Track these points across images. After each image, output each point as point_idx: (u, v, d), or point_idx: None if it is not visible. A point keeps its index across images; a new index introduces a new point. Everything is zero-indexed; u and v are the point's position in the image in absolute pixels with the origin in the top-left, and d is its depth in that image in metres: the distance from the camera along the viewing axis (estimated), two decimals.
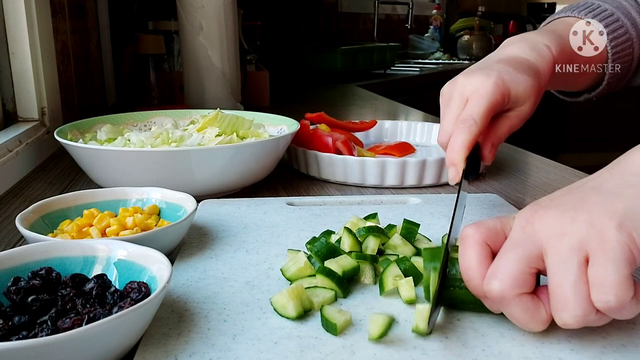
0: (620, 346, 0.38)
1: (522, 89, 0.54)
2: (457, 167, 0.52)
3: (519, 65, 0.55)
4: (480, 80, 0.53)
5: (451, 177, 0.52)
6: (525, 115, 0.56)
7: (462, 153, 0.51)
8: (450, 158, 0.52)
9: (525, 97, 0.54)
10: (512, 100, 0.54)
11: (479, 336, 0.39)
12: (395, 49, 2.61)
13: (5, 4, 0.90)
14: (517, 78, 0.54)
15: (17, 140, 0.85)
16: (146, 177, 0.65)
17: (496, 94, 0.52)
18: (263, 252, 0.53)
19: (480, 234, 0.39)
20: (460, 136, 0.52)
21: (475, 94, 0.53)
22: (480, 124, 0.52)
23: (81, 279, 0.41)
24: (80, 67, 1.25)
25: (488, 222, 0.40)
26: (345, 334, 0.39)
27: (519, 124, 0.56)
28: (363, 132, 1.01)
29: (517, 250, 0.37)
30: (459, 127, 0.52)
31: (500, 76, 0.53)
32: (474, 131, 0.51)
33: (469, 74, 0.55)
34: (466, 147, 0.51)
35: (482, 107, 0.52)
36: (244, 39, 1.45)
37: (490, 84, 0.53)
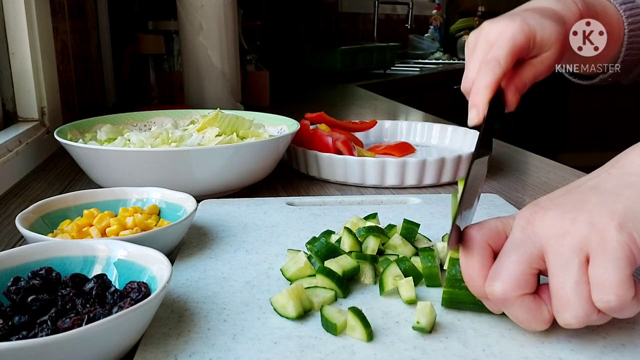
0: (620, 346, 0.38)
1: (547, 33, 0.53)
2: (478, 108, 0.50)
3: (545, 12, 0.55)
4: (505, 24, 0.53)
5: (471, 117, 0.50)
6: (550, 62, 0.55)
7: (485, 94, 0.50)
8: (473, 100, 0.51)
9: (550, 43, 0.53)
10: (538, 45, 0.53)
11: (479, 336, 0.39)
12: (395, 49, 2.61)
13: (5, 4, 0.90)
14: (543, 23, 0.53)
15: (17, 140, 0.85)
16: (146, 177, 0.65)
17: (521, 36, 0.52)
18: (263, 252, 0.53)
19: (482, 235, 0.39)
20: (484, 77, 0.50)
21: (500, 37, 0.52)
22: (504, 64, 0.51)
23: (81, 279, 0.41)
24: (80, 67, 1.25)
25: (489, 222, 0.40)
26: (345, 334, 0.39)
27: (544, 71, 0.55)
28: (363, 132, 1.01)
29: (518, 251, 0.37)
30: (482, 69, 0.51)
31: (525, 20, 0.53)
32: (498, 72, 0.50)
33: (495, 21, 0.55)
34: (490, 88, 0.50)
35: (506, 49, 0.51)
36: (244, 39, 1.45)
37: (515, 26, 0.52)
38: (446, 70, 2.76)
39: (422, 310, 0.40)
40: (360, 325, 0.39)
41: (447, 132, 1.00)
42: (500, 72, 0.50)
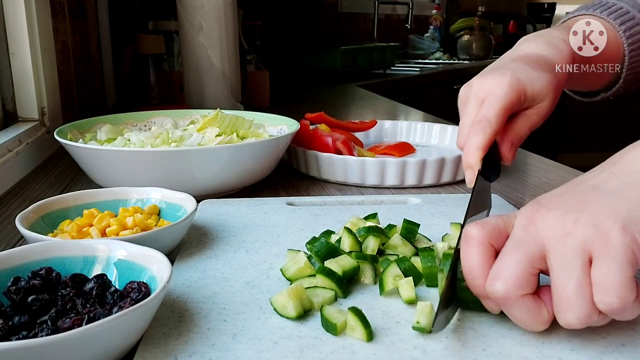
0: (620, 346, 0.38)
1: (538, 86, 0.53)
2: (473, 169, 0.51)
3: (534, 62, 0.55)
4: (494, 81, 0.53)
5: (468, 179, 0.52)
6: (545, 112, 0.55)
7: (477, 155, 0.51)
8: (466, 160, 0.52)
9: (543, 94, 0.54)
10: (529, 99, 0.54)
11: (479, 336, 0.39)
12: (395, 49, 2.61)
13: (5, 4, 0.90)
14: (533, 75, 0.53)
15: (17, 140, 0.85)
16: (146, 177, 0.65)
17: (511, 93, 0.52)
18: (263, 252, 0.53)
19: (483, 234, 0.39)
20: (475, 138, 0.51)
21: (490, 95, 0.53)
22: (495, 124, 0.51)
23: (81, 279, 0.41)
24: (80, 67, 1.25)
25: (491, 220, 0.40)
26: (345, 334, 0.39)
27: (539, 121, 0.56)
28: (363, 132, 1.01)
29: (520, 250, 0.37)
30: (474, 129, 0.52)
31: (515, 75, 0.53)
32: (489, 132, 0.51)
33: (484, 76, 0.55)
34: (481, 149, 0.51)
35: (496, 108, 0.52)
36: (244, 39, 1.45)
37: (505, 83, 0.52)
38: (446, 70, 2.76)
39: (422, 310, 0.40)
40: (360, 325, 0.39)
41: (447, 132, 1.00)
42: (491, 131, 0.51)
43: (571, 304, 0.35)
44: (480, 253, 0.39)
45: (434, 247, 0.49)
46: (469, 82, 0.57)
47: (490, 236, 0.39)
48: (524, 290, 0.37)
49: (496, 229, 0.39)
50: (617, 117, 3.64)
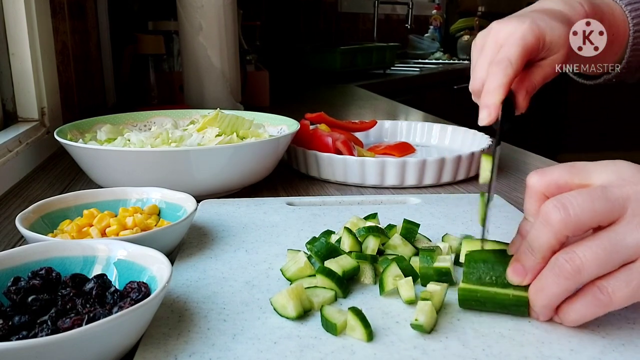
0: (620, 346, 0.38)
1: (557, 35, 0.53)
2: (490, 109, 0.49)
3: (553, 14, 0.55)
4: (514, 25, 0.53)
5: (483, 117, 0.50)
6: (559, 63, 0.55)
7: (498, 95, 0.49)
8: (484, 101, 0.50)
9: (559, 44, 0.53)
10: (547, 47, 0.53)
11: (479, 336, 0.39)
12: (394, 49, 2.61)
13: (5, 4, 0.90)
14: (552, 24, 0.53)
15: (17, 140, 0.85)
16: (146, 177, 0.65)
17: (531, 37, 0.51)
18: (263, 252, 0.53)
19: (540, 186, 0.40)
20: (496, 78, 0.50)
21: (510, 37, 0.52)
22: (515, 65, 0.50)
23: (81, 279, 0.41)
24: (80, 67, 1.25)
25: (554, 173, 0.40)
26: (345, 334, 0.39)
27: (552, 73, 0.55)
28: (363, 132, 1.01)
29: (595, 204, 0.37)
30: (494, 69, 0.50)
31: (534, 21, 0.52)
32: (510, 72, 0.50)
33: (503, 21, 0.55)
34: (502, 88, 0.49)
35: (517, 49, 0.51)
36: (244, 39, 1.45)
37: (525, 27, 0.52)
38: (446, 70, 2.76)
39: (422, 309, 0.40)
40: (360, 325, 0.39)
41: (447, 132, 1.00)
42: (512, 72, 0.50)
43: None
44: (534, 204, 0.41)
45: (435, 248, 0.49)
46: (487, 28, 0.56)
47: (547, 190, 0.40)
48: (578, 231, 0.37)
49: (555, 185, 0.40)
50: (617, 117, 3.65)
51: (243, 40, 1.43)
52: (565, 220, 0.37)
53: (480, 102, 0.51)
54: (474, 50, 0.57)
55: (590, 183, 0.39)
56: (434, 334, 0.40)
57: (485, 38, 0.55)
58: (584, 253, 0.37)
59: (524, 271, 0.40)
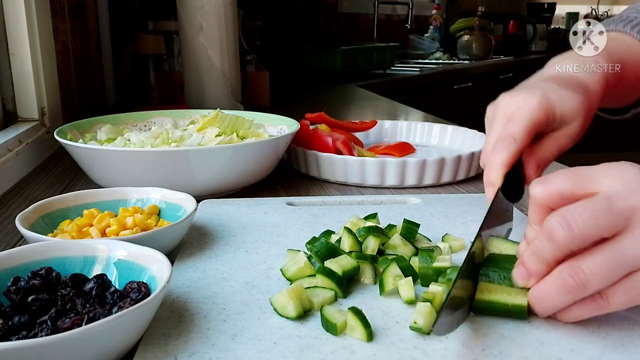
0: (619, 346, 0.38)
1: (568, 107, 0.51)
2: (493, 186, 0.49)
3: (565, 82, 0.53)
4: (522, 98, 0.51)
5: (488, 196, 0.50)
6: (574, 134, 0.53)
7: (499, 171, 0.49)
8: (487, 177, 0.50)
9: (572, 116, 0.52)
10: (558, 119, 0.52)
11: (479, 336, 0.39)
12: (395, 49, 2.61)
13: (5, 4, 0.90)
14: (563, 95, 0.51)
15: (17, 140, 0.85)
16: (146, 177, 0.65)
17: (539, 111, 0.50)
18: (263, 252, 0.53)
19: (544, 198, 0.39)
20: (498, 154, 0.49)
21: (517, 112, 0.51)
22: (520, 141, 0.49)
23: (81, 279, 0.41)
24: (80, 67, 1.25)
25: (558, 183, 0.39)
26: (345, 334, 0.39)
27: (567, 144, 0.53)
28: (363, 132, 1.01)
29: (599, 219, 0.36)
30: (497, 146, 0.50)
31: (544, 94, 0.51)
32: (513, 149, 0.49)
33: (512, 94, 0.53)
34: (504, 165, 0.49)
35: (523, 125, 0.50)
36: (244, 39, 1.45)
37: (533, 102, 0.50)
38: (446, 70, 2.76)
39: (421, 311, 0.40)
40: (360, 325, 0.39)
41: (447, 132, 1.00)
42: (515, 148, 0.49)
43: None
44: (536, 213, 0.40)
45: (435, 248, 0.49)
46: (495, 101, 0.55)
47: (550, 201, 0.39)
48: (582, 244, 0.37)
49: (558, 196, 0.39)
50: None
51: (243, 40, 1.43)
52: (569, 238, 0.36)
53: (484, 178, 0.51)
54: (486, 124, 0.56)
55: (596, 191, 0.38)
56: (434, 335, 0.40)
57: (494, 111, 0.54)
58: (589, 268, 0.36)
59: (527, 275, 0.40)
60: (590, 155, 1.18)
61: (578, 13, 4.39)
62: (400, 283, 0.44)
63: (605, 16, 4.18)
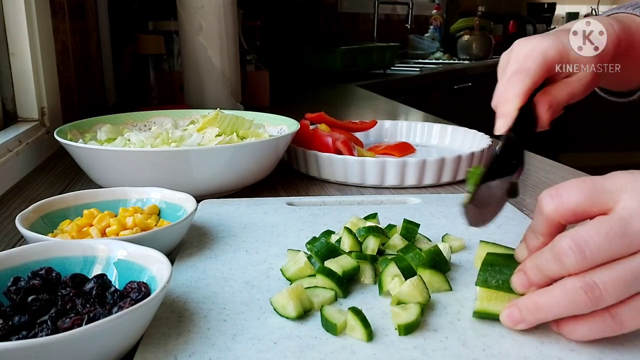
0: (620, 346, 0.38)
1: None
2: (506, 118, 0.47)
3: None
4: (536, 41, 0.51)
5: (498, 126, 0.48)
6: (586, 82, 0.52)
7: (513, 103, 0.47)
8: (500, 110, 0.48)
9: (585, 62, 0.51)
10: (572, 62, 0.51)
11: (479, 336, 0.39)
12: (395, 49, 2.61)
13: (5, 4, 0.90)
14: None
15: (17, 140, 0.85)
16: (146, 177, 0.65)
17: (553, 51, 0.50)
18: (263, 252, 0.53)
19: (556, 215, 0.38)
20: (512, 87, 0.48)
21: (531, 52, 0.50)
22: (534, 75, 0.48)
23: (81, 279, 0.41)
24: (80, 67, 1.25)
25: (572, 199, 0.37)
26: (345, 334, 0.39)
27: (579, 90, 0.52)
28: (363, 132, 1.01)
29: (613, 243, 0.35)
30: (512, 79, 0.49)
31: (558, 38, 0.51)
32: (527, 82, 0.48)
33: (526, 39, 0.53)
34: (518, 98, 0.48)
35: (537, 61, 0.49)
36: (244, 39, 1.45)
37: (547, 42, 0.50)
38: (446, 70, 2.76)
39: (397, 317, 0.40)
40: (360, 325, 0.39)
41: (447, 132, 1.00)
42: (530, 81, 0.48)
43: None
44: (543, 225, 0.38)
45: (435, 248, 0.49)
46: (509, 48, 0.54)
47: (563, 218, 0.38)
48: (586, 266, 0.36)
49: (572, 213, 0.37)
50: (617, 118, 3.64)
51: (243, 40, 1.43)
52: (580, 263, 0.35)
53: (497, 110, 0.49)
54: (499, 70, 0.55)
55: (611, 207, 0.36)
56: (433, 334, 0.40)
57: (507, 57, 0.54)
58: (604, 284, 0.35)
59: (529, 285, 0.39)
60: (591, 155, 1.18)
61: (578, 13, 4.39)
62: (390, 287, 0.44)
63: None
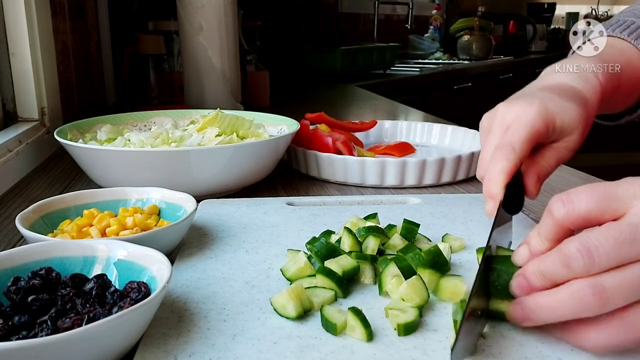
0: None
1: (568, 117, 0.50)
2: (494, 199, 0.47)
3: (564, 93, 0.52)
4: (521, 108, 0.50)
5: (488, 209, 0.47)
6: (573, 146, 0.51)
7: (499, 182, 0.47)
8: (487, 188, 0.48)
9: (572, 127, 0.50)
10: (558, 130, 0.50)
11: None
12: (395, 49, 2.61)
13: (5, 4, 0.91)
14: (563, 105, 0.50)
15: (17, 140, 0.85)
16: (146, 177, 0.65)
17: (539, 121, 0.49)
18: (263, 252, 0.53)
19: (567, 221, 0.37)
20: (498, 164, 0.47)
21: (516, 121, 0.49)
22: (519, 150, 0.47)
23: (81, 279, 0.41)
24: (80, 67, 1.25)
25: (582, 206, 0.36)
26: (345, 334, 0.39)
27: (567, 155, 0.52)
28: (363, 132, 1.01)
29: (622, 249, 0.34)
30: (496, 155, 0.48)
31: (543, 104, 0.49)
32: (512, 158, 0.47)
33: (510, 103, 0.52)
34: (504, 175, 0.47)
35: (522, 133, 0.48)
36: (244, 39, 1.45)
37: (532, 111, 0.49)
38: (446, 70, 2.76)
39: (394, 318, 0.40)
40: (360, 325, 0.39)
41: (447, 132, 1.01)
42: (515, 158, 0.47)
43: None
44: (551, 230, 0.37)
45: (435, 248, 0.48)
46: (492, 110, 0.53)
47: (573, 224, 0.37)
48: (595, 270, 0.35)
49: (583, 219, 0.36)
50: None
51: (243, 40, 1.43)
52: (588, 268, 0.35)
53: (484, 190, 0.49)
54: (482, 133, 0.54)
55: (623, 213, 0.35)
56: (433, 334, 0.40)
57: (491, 120, 0.53)
58: (612, 287, 0.34)
59: (529, 290, 0.38)
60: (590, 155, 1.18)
61: (578, 13, 4.40)
62: (389, 289, 0.44)
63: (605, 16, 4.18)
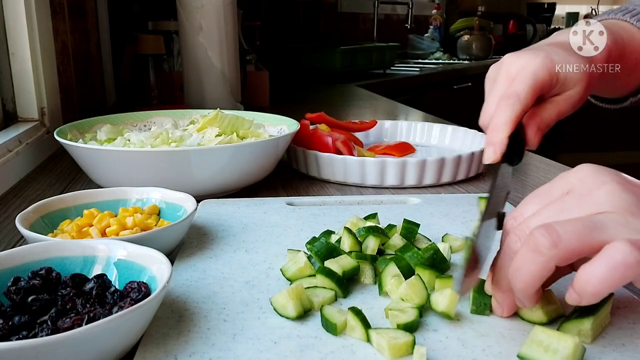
0: (620, 346, 0.38)
1: (572, 70, 0.51)
2: (496, 146, 0.47)
3: (569, 48, 0.53)
4: (527, 58, 0.51)
5: (488, 155, 0.47)
6: (575, 101, 0.52)
7: (503, 131, 0.47)
8: (490, 137, 0.48)
9: (575, 80, 0.51)
10: (561, 82, 0.51)
11: (478, 336, 0.39)
12: (394, 49, 2.61)
13: (5, 4, 0.91)
14: (568, 59, 0.51)
15: (17, 140, 0.85)
16: (146, 177, 0.65)
17: (544, 72, 0.49)
18: (263, 252, 0.53)
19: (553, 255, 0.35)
20: (503, 113, 0.48)
21: (521, 71, 0.50)
22: (524, 100, 0.48)
23: (81, 279, 0.41)
24: (80, 67, 1.25)
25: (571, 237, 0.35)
26: (345, 334, 0.39)
27: (568, 109, 0.52)
28: (363, 132, 1.01)
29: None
30: (501, 104, 0.48)
31: (549, 56, 0.50)
32: (517, 108, 0.48)
33: (517, 54, 0.53)
34: (508, 125, 0.47)
35: (527, 84, 0.49)
36: (244, 39, 1.45)
37: (538, 61, 0.50)
38: (446, 70, 2.76)
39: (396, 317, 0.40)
40: (360, 325, 0.39)
41: (447, 132, 1.01)
42: (520, 108, 0.48)
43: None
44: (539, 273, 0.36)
45: (433, 246, 0.49)
46: (499, 61, 0.54)
47: (560, 260, 0.35)
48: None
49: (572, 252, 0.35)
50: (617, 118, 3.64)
51: (243, 40, 1.43)
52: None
53: (486, 138, 0.49)
54: (487, 83, 0.54)
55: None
56: (433, 334, 0.40)
57: (497, 71, 0.53)
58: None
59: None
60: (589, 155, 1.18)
61: (578, 13, 4.40)
62: (389, 289, 0.44)
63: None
